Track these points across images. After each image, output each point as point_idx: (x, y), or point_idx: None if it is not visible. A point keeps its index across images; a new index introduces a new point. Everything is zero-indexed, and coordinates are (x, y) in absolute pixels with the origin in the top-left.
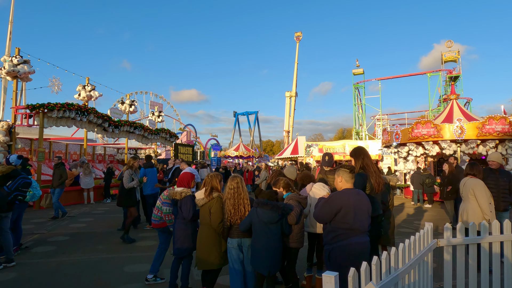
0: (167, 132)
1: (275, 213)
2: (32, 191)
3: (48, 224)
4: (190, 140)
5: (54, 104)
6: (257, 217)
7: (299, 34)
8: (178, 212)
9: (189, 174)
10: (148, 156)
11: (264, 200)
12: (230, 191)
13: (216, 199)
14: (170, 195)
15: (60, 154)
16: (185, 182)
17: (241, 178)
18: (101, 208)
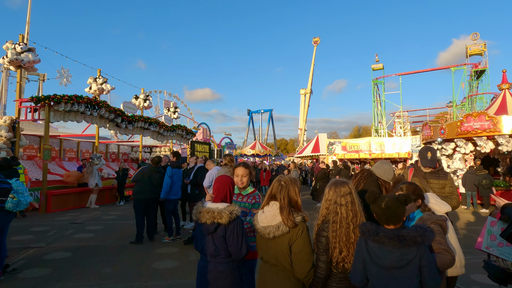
0: (183, 128)
1: (406, 248)
2: (17, 198)
3: (49, 234)
4: (206, 137)
5: (61, 96)
6: (369, 258)
7: (317, 39)
8: (215, 245)
9: (228, 178)
10: (176, 153)
11: (377, 227)
12: (338, 207)
13: (301, 226)
14: (201, 215)
15: (72, 152)
16: (222, 192)
17: (351, 184)
18: (113, 212)
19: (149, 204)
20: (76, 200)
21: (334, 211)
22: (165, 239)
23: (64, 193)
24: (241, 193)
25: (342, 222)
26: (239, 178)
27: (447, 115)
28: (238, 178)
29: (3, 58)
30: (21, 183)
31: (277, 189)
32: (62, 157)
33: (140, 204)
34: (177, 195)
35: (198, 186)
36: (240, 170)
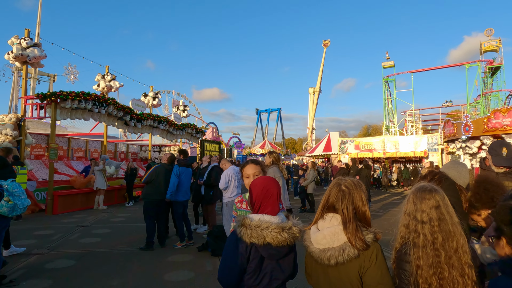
0: (193, 127)
1: None
2: (13, 201)
3: (54, 238)
4: (216, 136)
5: (68, 93)
6: None
7: (327, 42)
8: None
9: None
10: (183, 151)
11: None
12: (418, 225)
13: (374, 249)
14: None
15: (80, 151)
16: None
17: (441, 192)
18: (122, 214)
19: (160, 207)
20: (84, 201)
21: (414, 230)
22: (177, 245)
23: (71, 194)
24: None
25: (426, 248)
26: (251, 179)
27: (460, 113)
28: (249, 179)
29: (8, 53)
30: (17, 185)
31: (337, 197)
32: (70, 156)
33: (151, 207)
34: (186, 196)
35: (212, 187)
36: (250, 168)
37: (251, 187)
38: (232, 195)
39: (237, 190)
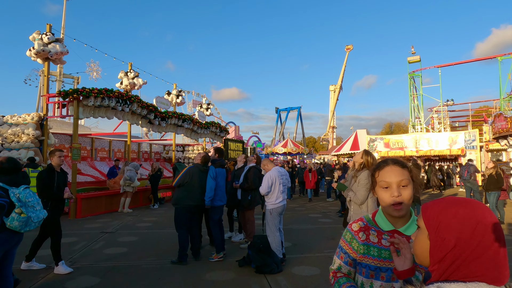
0: (217, 126)
1: None
2: (26, 213)
3: (76, 247)
4: (239, 135)
5: (90, 90)
6: None
7: (350, 47)
8: None
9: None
10: (219, 150)
11: None
12: None
13: None
14: None
15: (104, 151)
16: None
17: None
18: (148, 217)
19: (195, 214)
20: (108, 203)
21: None
22: (214, 258)
23: (94, 196)
24: (398, 231)
25: None
26: (394, 192)
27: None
28: (391, 193)
29: (29, 50)
30: (32, 193)
31: None
32: (93, 157)
33: (185, 214)
34: (223, 201)
35: (250, 190)
36: (392, 172)
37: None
38: (278, 201)
39: (283, 196)
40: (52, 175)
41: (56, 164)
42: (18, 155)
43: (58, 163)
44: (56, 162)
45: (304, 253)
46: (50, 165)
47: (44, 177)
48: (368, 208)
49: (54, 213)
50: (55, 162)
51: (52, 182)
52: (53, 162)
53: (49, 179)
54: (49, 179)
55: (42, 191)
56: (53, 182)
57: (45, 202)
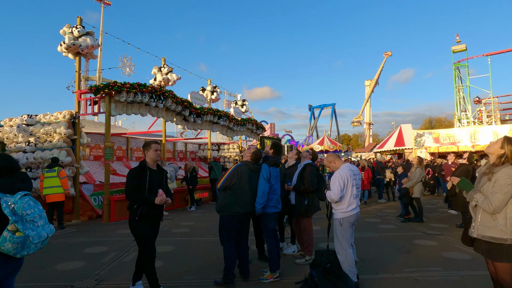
0: (253, 122)
1: None
2: (23, 231)
3: (105, 259)
4: (275, 133)
5: (122, 84)
6: None
7: (389, 53)
8: None
9: None
10: (276, 145)
11: None
12: None
13: None
14: None
15: (139, 151)
16: None
17: None
18: (184, 222)
19: (244, 223)
20: None
21: None
22: (268, 278)
23: None
24: None
25: None
26: None
27: None
28: None
29: (60, 45)
30: (32, 203)
31: None
32: (129, 157)
33: (233, 224)
34: (279, 207)
35: (307, 193)
36: None
37: None
38: (350, 209)
39: (357, 201)
40: (143, 173)
41: (151, 160)
42: (51, 155)
43: (153, 159)
44: (152, 157)
45: (380, 273)
46: (143, 161)
47: (133, 175)
48: (507, 219)
49: (144, 224)
50: (150, 158)
51: (143, 182)
52: (147, 157)
53: (139, 179)
54: (139, 178)
55: (129, 193)
56: (144, 182)
57: (134, 208)
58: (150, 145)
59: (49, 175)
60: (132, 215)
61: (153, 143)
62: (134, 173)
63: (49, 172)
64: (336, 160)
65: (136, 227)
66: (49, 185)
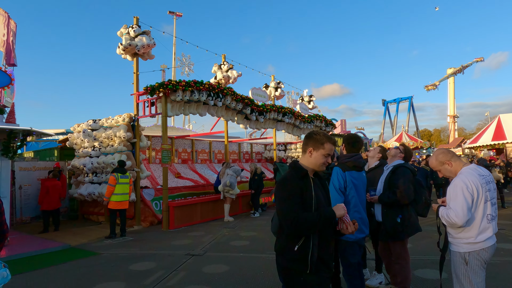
0: (322, 119)
1: None
2: None
3: (149, 280)
4: (346, 130)
5: (177, 82)
6: None
7: (481, 59)
8: None
9: None
10: (351, 138)
11: None
12: None
13: None
14: None
15: (204, 153)
16: None
17: None
18: (246, 232)
19: None
20: (204, 212)
21: None
22: None
23: (188, 204)
24: None
25: None
26: None
27: None
28: None
29: (118, 47)
30: None
31: None
32: (194, 159)
33: None
34: (365, 230)
35: (399, 208)
36: None
37: None
38: (483, 238)
39: (493, 226)
40: (305, 185)
41: (314, 166)
42: (113, 159)
43: (318, 164)
44: (318, 161)
45: None
46: (298, 165)
47: (292, 188)
48: None
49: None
50: (314, 162)
51: (308, 199)
52: (311, 159)
53: (300, 194)
54: (301, 193)
55: (293, 219)
56: (308, 199)
57: (299, 249)
58: (322, 144)
59: (123, 181)
60: (292, 263)
61: (327, 140)
62: (293, 184)
63: (123, 178)
64: (453, 160)
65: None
66: (121, 192)
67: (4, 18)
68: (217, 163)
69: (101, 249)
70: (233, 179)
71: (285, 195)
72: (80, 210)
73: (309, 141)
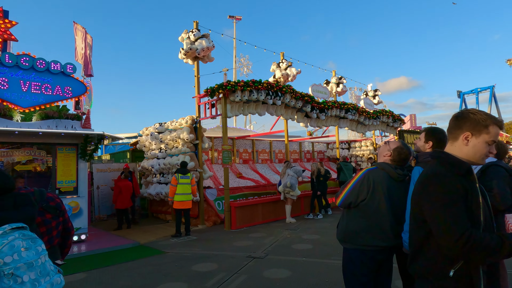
0: (389, 114)
1: None
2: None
3: (210, 282)
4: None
5: (236, 83)
6: None
7: None
8: None
9: None
10: (437, 132)
11: None
12: None
13: None
14: None
15: (265, 153)
16: None
17: None
18: (308, 235)
19: (383, 263)
20: (266, 212)
21: None
22: None
23: (249, 204)
24: None
25: None
26: None
27: None
28: None
29: (180, 52)
30: (19, 244)
31: None
32: (255, 159)
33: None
34: None
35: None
36: None
37: None
38: None
39: None
40: (470, 186)
41: (474, 157)
42: (177, 161)
43: (483, 154)
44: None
45: None
46: (452, 158)
47: (452, 188)
48: None
49: None
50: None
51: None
52: (460, 150)
53: (464, 197)
54: (465, 195)
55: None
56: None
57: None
58: (486, 126)
59: (183, 181)
60: None
61: (493, 121)
62: (455, 184)
63: (183, 178)
64: None
65: None
66: (182, 192)
67: (82, 34)
68: (278, 163)
69: (167, 247)
70: (294, 180)
71: (445, 198)
72: (150, 209)
73: (465, 122)
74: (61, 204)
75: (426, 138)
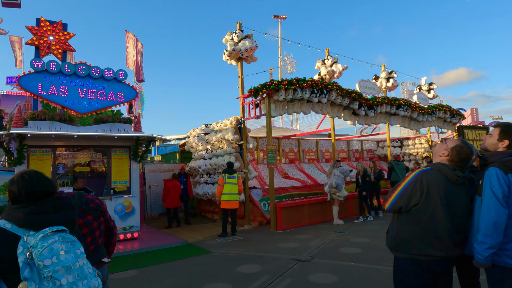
0: (446, 109)
1: None
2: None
3: (254, 285)
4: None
5: (279, 82)
6: None
7: None
8: None
9: None
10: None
11: None
12: None
13: None
14: None
15: (311, 153)
16: None
17: None
18: (357, 238)
19: (440, 275)
20: (312, 213)
21: None
22: None
23: (296, 205)
24: None
25: None
26: None
27: None
28: None
29: (224, 53)
30: (58, 247)
31: None
32: (301, 159)
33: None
34: None
35: None
36: None
37: None
38: None
39: None
40: None
41: None
42: (223, 161)
43: None
44: None
45: None
46: None
47: None
48: None
49: None
50: None
51: None
52: None
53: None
54: None
55: None
56: None
57: None
58: None
59: (230, 181)
60: None
61: None
62: None
63: (230, 178)
64: None
65: None
66: (229, 192)
67: (133, 41)
68: (325, 162)
69: (213, 247)
70: (340, 180)
71: None
72: (198, 208)
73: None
74: (101, 205)
75: (501, 136)
